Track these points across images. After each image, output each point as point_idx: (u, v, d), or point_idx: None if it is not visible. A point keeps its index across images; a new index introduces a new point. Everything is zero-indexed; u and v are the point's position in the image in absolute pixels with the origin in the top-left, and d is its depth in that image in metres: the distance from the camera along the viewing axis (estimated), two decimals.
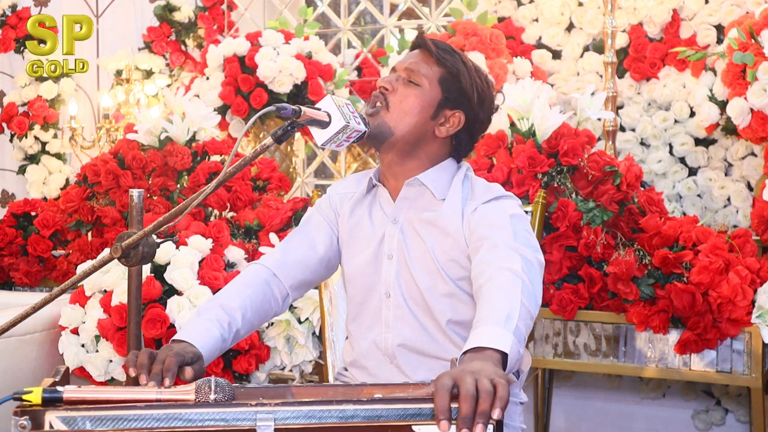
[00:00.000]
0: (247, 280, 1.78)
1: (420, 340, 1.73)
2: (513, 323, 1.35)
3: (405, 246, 1.74)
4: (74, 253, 3.26)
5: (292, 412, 1.12)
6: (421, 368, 1.73)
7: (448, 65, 1.74)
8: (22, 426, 1.12)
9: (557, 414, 3.28)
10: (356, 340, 1.82)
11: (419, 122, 1.72)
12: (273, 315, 1.81)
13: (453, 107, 1.75)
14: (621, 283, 2.46)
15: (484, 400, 1.10)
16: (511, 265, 1.50)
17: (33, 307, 1.64)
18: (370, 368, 1.79)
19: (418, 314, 1.73)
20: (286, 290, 1.82)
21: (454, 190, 1.74)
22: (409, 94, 1.72)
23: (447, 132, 1.75)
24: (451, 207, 1.72)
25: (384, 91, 1.73)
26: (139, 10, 4.39)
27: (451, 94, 1.74)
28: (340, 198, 1.87)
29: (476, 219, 1.67)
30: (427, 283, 1.71)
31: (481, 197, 1.71)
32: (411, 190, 1.76)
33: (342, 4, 4.03)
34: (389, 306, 1.75)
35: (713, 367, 2.45)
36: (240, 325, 1.70)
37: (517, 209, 1.69)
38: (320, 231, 1.86)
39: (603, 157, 2.63)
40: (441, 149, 1.77)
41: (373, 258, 1.77)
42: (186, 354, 1.50)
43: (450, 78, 1.74)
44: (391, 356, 1.76)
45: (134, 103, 4.17)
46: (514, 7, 3.74)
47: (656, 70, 3.47)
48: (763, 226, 2.69)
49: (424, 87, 1.73)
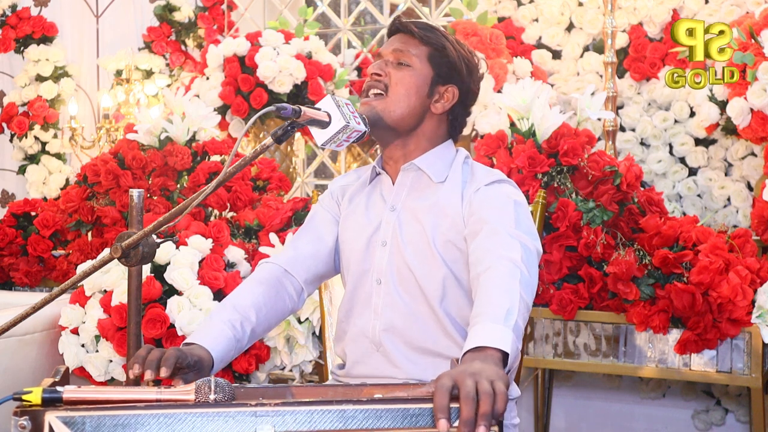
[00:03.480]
0: (258, 278, 1.78)
1: (409, 328, 1.72)
2: (513, 320, 1.35)
3: (400, 232, 1.74)
4: (74, 253, 3.26)
5: (291, 412, 1.12)
6: (408, 357, 1.73)
7: (433, 42, 1.77)
8: (22, 426, 1.12)
9: (557, 414, 3.28)
10: (346, 325, 1.82)
11: (417, 101, 1.74)
12: (290, 311, 1.81)
13: (445, 82, 1.77)
14: (621, 283, 2.46)
15: (485, 402, 1.10)
16: (511, 255, 1.50)
17: (33, 307, 1.64)
18: (357, 356, 1.78)
19: (409, 301, 1.73)
20: (300, 285, 1.81)
21: (454, 172, 1.75)
22: (403, 76, 1.74)
23: (443, 108, 1.77)
24: (451, 188, 1.73)
25: (378, 78, 1.75)
26: (139, 10, 4.39)
27: (442, 70, 1.76)
28: (341, 189, 1.89)
29: (478, 200, 1.68)
30: (420, 267, 1.71)
31: (483, 179, 1.72)
32: (408, 175, 1.78)
33: (342, 4, 4.03)
34: (379, 293, 1.75)
35: (713, 367, 2.45)
36: (255, 324, 1.69)
37: (519, 195, 1.70)
38: (326, 224, 1.87)
39: (603, 157, 2.63)
40: (439, 127, 1.79)
41: (366, 245, 1.78)
42: (189, 356, 1.49)
43: (437, 54, 1.76)
44: (377, 344, 1.75)
45: (134, 103, 4.17)
46: (514, 7, 3.75)
47: (656, 70, 3.47)
48: (763, 226, 2.69)
49: (415, 66, 1.75)
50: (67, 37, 4.40)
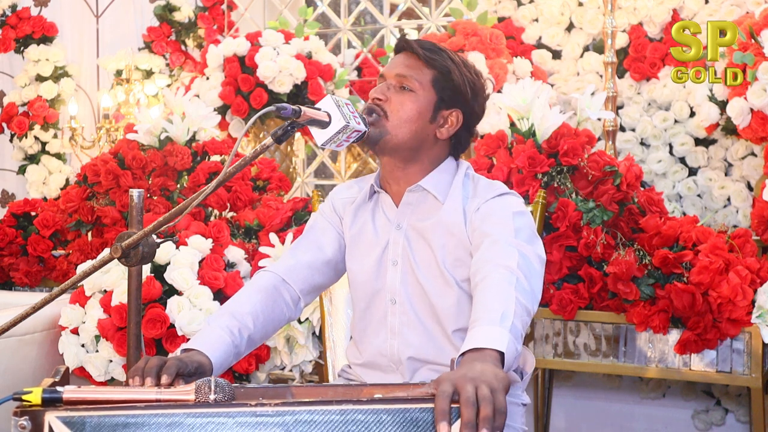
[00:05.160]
0: (257, 286, 1.77)
1: (426, 347, 1.73)
2: (509, 321, 1.36)
3: (411, 252, 1.73)
4: (74, 253, 3.26)
5: (291, 412, 1.12)
6: (427, 376, 1.72)
7: (438, 66, 1.72)
8: (22, 426, 1.12)
9: (557, 414, 3.28)
10: (362, 345, 1.82)
11: (419, 128, 1.71)
12: (286, 320, 1.80)
13: (449, 107, 1.73)
14: (621, 283, 2.46)
15: (485, 406, 1.10)
16: (508, 263, 1.50)
17: (33, 307, 1.64)
18: (375, 376, 1.78)
19: (425, 320, 1.72)
20: (297, 294, 1.80)
21: (455, 189, 1.73)
22: (405, 101, 1.70)
23: (448, 133, 1.74)
24: (452, 206, 1.71)
25: (378, 102, 1.71)
26: (139, 10, 4.39)
27: (446, 94, 1.72)
28: (342, 203, 1.86)
29: (480, 216, 1.67)
30: (433, 288, 1.71)
31: (485, 195, 1.71)
32: (413, 196, 1.75)
33: (342, 4, 4.03)
34: (395, 313, 1.74)
35: (713, 367, 2.45)
36: (252, 330, 1.69)
37: (521, 206, 1.69)
38: (326, 235, 1.85)
39: (603, 157, 2.63)
40: (442, 151, 1.76)
41: (377, 264, 1.76)
42: (189, 363, 1.48)
43: (442, 78, 1.72)
44: (396, 363, 1.75)
45: (134, 103, 4.17)
46: (514, 7, 3.75)
47: (656, 70, 3.47)
48: (763, 226, 2.69)
49: (418, 92, 1.70)
50: (67, 37, 4.40)
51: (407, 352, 1.73)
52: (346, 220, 1.84)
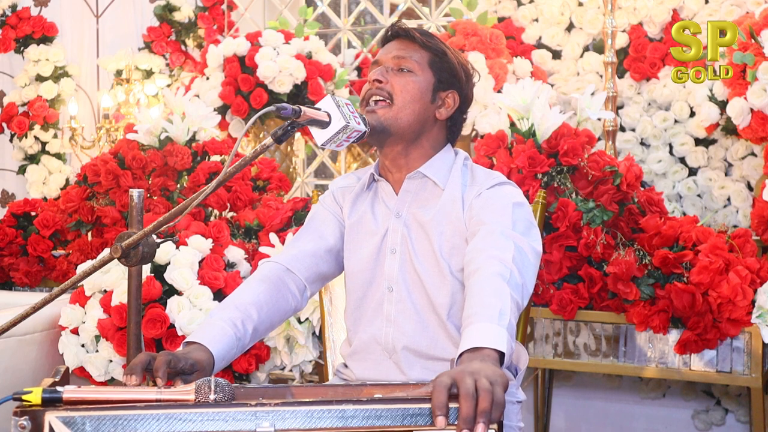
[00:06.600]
0: (260, 276, 1.77)
1: (420, 336, 1.73)
2: (506, 319, 1.36)
3: (410, 240, 1.74)
4: (74, 253, 3.26)
5: (291, 412, 1.12)
6: (418, 365, 1.73)
7: (434, 48, 1.76)
8: (22, 426, 1.12)
9: (557, 414, 3.28)
10: (354, 333, 1.82)
11: (421, 108, 1.73)
12: (293, 310, 1.79)
13: (446, 88, 1.77)
14: (621, 283, 2.46)
15: (484, 399, 1.10)
16: (503, 255, 1.50)
17: (33, 307, 1.64)
18: (368, 361, 1.78)
19: (421, 309, 1.73)
20: (303, 283, 1.80)
21: (453, 177, 1.75)
22: (407, 82, 1.73)
23: (446, 113, 1.77)
24: (451, 194, 1.72)
25: (379, 85, 1.72)
26: (139, 10, 4.38)
27: (443, 75, 1.76)
28: (342, 191, 1.87)
29: (479, 204, 1.68)
30: (430, 278, 1.71)
31: (484, 183, 1.72)
32: (413, 183, 1.77)
33: (342, 4, 4.03)
34: (391, 300, 1.75)
35: (713, 367, 2.45)
36: (256, 321, 1.67)
37: (520, 197, 1.70)
38: (327, 224, 1.86)
39: (603, 157, 2.63)
40: (440, 134, 1.79)
41: (375, 252, 1.77)
42: (183, 358, 1.47)
43: (438, 60, 1.76)
44: (390, 351, 1.75)
45: (134, 103, 4.17)
46: (514, 7, 3.75)
47: (656, 70, 3.47)
48: (763, 226, 2.69)
49: (417, 72, 1.74)
50: (67, 37, 4.40)
51: (402, 340, 1.73)
52: (345, 209, 1.85)
